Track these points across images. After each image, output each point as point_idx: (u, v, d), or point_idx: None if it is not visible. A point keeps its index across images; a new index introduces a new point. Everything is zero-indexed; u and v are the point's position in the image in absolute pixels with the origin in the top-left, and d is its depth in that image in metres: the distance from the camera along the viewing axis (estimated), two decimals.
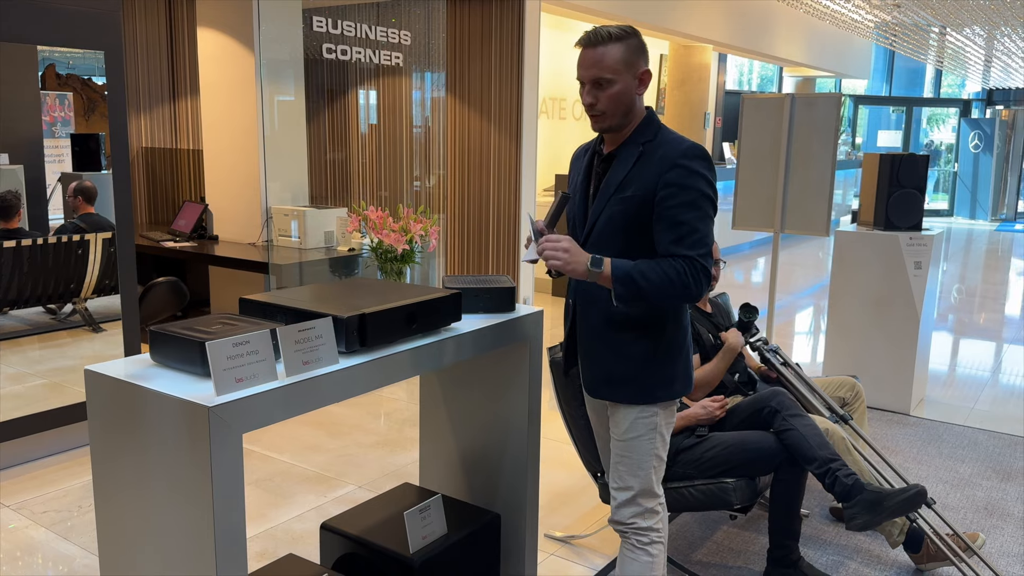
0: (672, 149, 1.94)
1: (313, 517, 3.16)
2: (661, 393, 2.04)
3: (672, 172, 1.91)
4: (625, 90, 1.94)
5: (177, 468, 1.56)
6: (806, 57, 12.18)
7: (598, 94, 1.95)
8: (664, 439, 2.09)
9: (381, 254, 4.74)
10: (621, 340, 2.04)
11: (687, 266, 1.89)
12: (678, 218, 1.90)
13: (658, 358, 2.03)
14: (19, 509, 3.16)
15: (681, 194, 1.90)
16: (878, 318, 4.51)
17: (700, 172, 1.92)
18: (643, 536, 2.10)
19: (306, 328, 1.70)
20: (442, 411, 2.55)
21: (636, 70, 1.95)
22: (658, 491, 2.11)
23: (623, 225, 1.97)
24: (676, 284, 1.88)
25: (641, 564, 2.10)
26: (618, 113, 1.96)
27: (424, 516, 2.16)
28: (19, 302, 3.59)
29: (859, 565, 2.86)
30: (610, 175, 2.02)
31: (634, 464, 2.07)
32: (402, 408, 4.45)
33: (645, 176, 1.95)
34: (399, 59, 5.49)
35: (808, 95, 4.48)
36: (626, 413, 2.06)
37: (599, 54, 1.92)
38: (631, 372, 2.03)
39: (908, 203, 4.46)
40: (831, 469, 2.48)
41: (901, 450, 3.95)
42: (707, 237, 1.92)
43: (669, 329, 2.04)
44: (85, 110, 3.98)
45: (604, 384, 2.09)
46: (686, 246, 1.90)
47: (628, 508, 2.10)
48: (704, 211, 1.92)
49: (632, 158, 1.98)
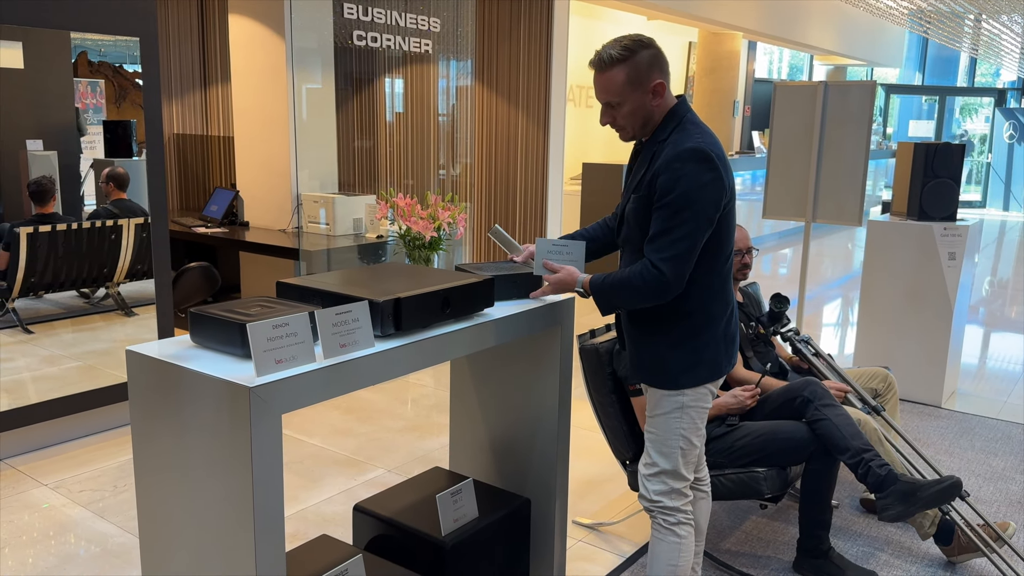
0: (670, 151, 1.95)
1: (343, 500, 3.20)
2: (684, 380, 2.07)
3: (664, 174, 1.94)
4: (636, 108, 1.98)
5: (217, 447, 1.58)
6: (838, 45, 12.01)
7: (613, 114, 2.01)
8: (694, 422, 2.10)
9: (409, 241, 4.76)
10: (641, 330, 2.10)
11: (644, 270, 1.94)
12: (657, 219, 1.95)
13: (680, 345, 2.05)
14: (56, 488, 3.23)
15: (664, 196, 1.93)
16: (910, 309, 4.45)
17: (687, 174, 1.91)
18: (670, 516, 2.13)
19: (343, 312, 1.71)
20: (472, 396, 2.56)
21: (646, 86, 1.97)
22: (686, 474, 2.12)
23: (638, 222, 2.02)
24: (634, 290, 1.95)
25: (668, 545, 2.12)
26: (637, 126, 2.02)
27: (456, 499, 2.18)
28: (54, 286, 3.66)
29: (889, 556, 2.84)
30: (634, 172, 2.09)
31: (659, 441, 2.11)
32: (430, 394, 4.48)
33: (650, 175, 1.99)
34: (428, 46, 5.49)
35: (841, 83, 4.42)
36: (655, 391, 2.12)
37: (605, 80, 1.97)
38: (650, 358, 2.09)
39: (943, 193, 4.40)
40: (864, 459, 2.46)
41: (933, 443, 3.91)
42: (681, 241, 1.91)
43: (690, 317, 2.05)
44: (116, 97, 4.03)
45: (636, 369, 2.15)
46: (653, 248, 1.94)
47: (654, 484, 2.13)
48: (682, 215, 1.91)
49: (649, 156, 2.02)
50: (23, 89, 3.46)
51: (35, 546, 2.80)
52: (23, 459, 3.48)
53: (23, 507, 3.07)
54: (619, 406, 2.80)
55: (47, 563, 2.70)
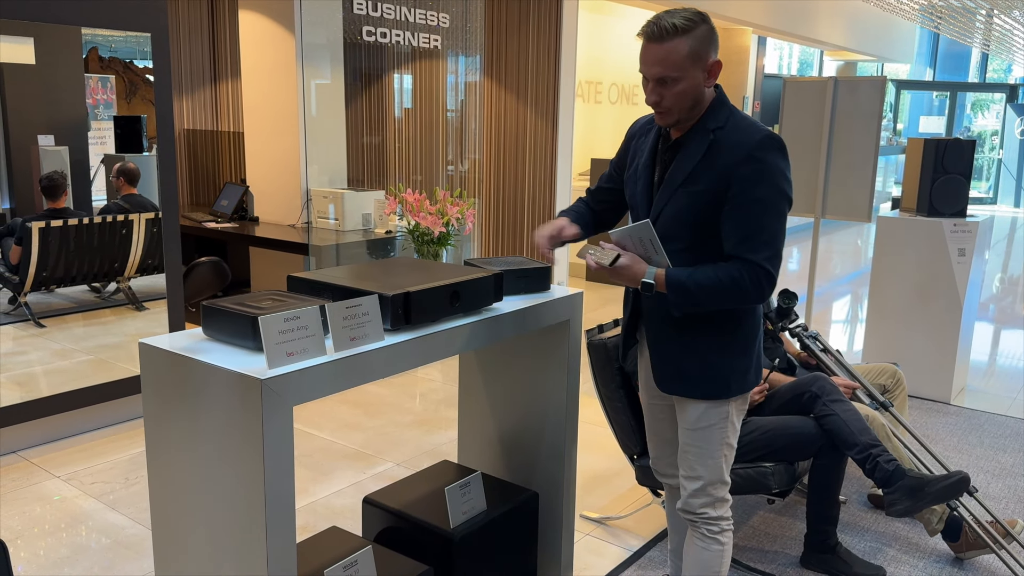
0: (746, 139, 1.80)
1: (352, 493, 3.22)
2: (735, 386, 1.96)
3: (746, 166, 1.78)
4: (691, 87, 1.80)
5: (229, 439, 1.60)
6: (848, 40, 11.96)
7: (663, 92, 1.80)
8: (735, 427, 2.02)
9: (418, 236, 4.77)
10: (692, 335, 1.95)
11: (747, 272, 1.79)
12: (746, 217, 1.79)
13: (732, 350, 1.95)
14: (69, 480, 3.26)
15: (753, 190, 1.78)
16: (920, 306, 4.44)
17: (776, 166, 1.79)
18: (713, 525, 2.06)
19: (353, 305, 1.73)
20: (481, 390, 2.58)
21: (705, 63, 1.79)
22: (728, 479, 2.06)
23: (691, 220, 1.86)
24: (733, 292, 1.80)
25: (711, 553, 2.06)
26: (684, 108, 1.83)
27: (464, 492, 2.19)
28: (65, 280, 3.69)
29: (897, 552, 2.84)
30: (677, 165, 1.88)
31: (704, 454, 2.01)
32: (437, 389, 4.50)
33: (716, 168, 1.81)
34: (437, 41, 5.50)
35: (851, 78, 4.41)
36: (696, 403, 1.99)
37: (664, 51, 1.76)
38: (703, 367, 1.95)
39: (953, 189, 4.38)
40: (872, 455, 2.47)
41: (941, 439, 3.90)
42: (776, 238, 1.80)
43: (744, 321, 1.95)
44: (127, 93, 4.06)
45: (675, 380, 2.00)
46: (750, 248, 1.79)
47: (698, 498, 2.05)
48: (777, 209, 1.80)
49: (701, 148, 1.84)
50: (34, 85, 3.49)
51: (47, 537, 2.83)
52: (36, 451, 3.51)
53: (36, 499, 3.10)
54: (627, 401, 2.81)
55: (59, 554, 2.73)
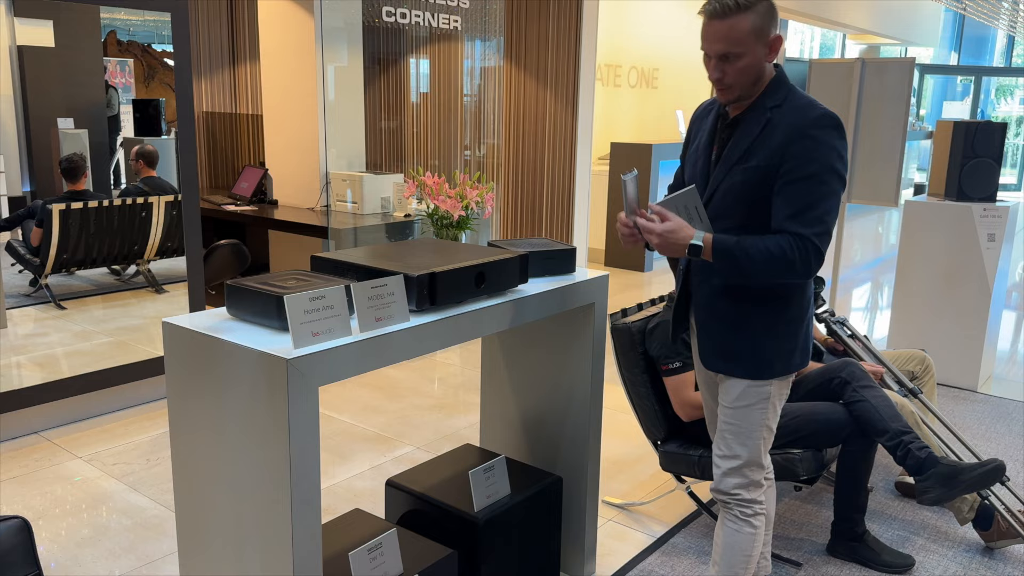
0: (801, 117, 1.82)
1: (373, 475, 3.20)
2: (779, 367, 1.94)
3: (799, 143, 1.79)
4: (754, 62, 1.82)
5: (254, 419, 1.58)
6: (871, 23, 11.77)
7: (725, 68, 1.83)
8: (776, 410, 1.99)
9: (437, 220, 4.74)
10: (739, 312, 1.94)
11: (796, 245, 1.79)
12: (799, 192, 1.80)
13: (778, 331, 1.93)
14: (91, 460, 3.27)
15: (806, 167, 1.79)
16: (947, 292, 4.37)
17: (830, 144, 1.80)
18: (747, 508, 2.03)
19: (379, 285, 1.70)
20: (503, 374, 2.55)
21: (766, 38, 1.81)
22: (765, 463, 2.04)
23: (744, 197, 1.87)
24: (780, 263, 1.79)
25: (744, 536, 2.04)
26: (747, 84, 1.85)
27: (488, 476, 2.17)
28: (86, 262, 3.68)
29: (925, 541, 2.79)
30: (734, 142, 1.90)
31: (743, 433, 1.99)
32: (456, 373, 4.48)
33: (770, 145, 1.83)
34: (457, 23, 5.44)
35: (879, 60, 4.32)
36: (737, 381, 1.98)
37: (727, 26, 1.79)
38: (748, 346, 1.94)
39: (983, 173, 4.29)
40: (903, 441, 2.42)
41: (969, 427, 3.84)
42: (828, 215, 1.80)
43: (794, 300, 1.93)
44: (145, 76, 4.04)
45: (719, 357, 1.99)
46: (800, 223, 1.79)
47: (732, 478, 2.03)
48: (829, 186, 1.80)
49: (758, 125, 1.86)
50: (54, 67, 3.47)
51: (69, 517, 2.84)
52: (57, 432, 3.52)
53: (57, 479, 3.11)
54: (651, 386, 2.77)
55: (81, 535, 2.73)
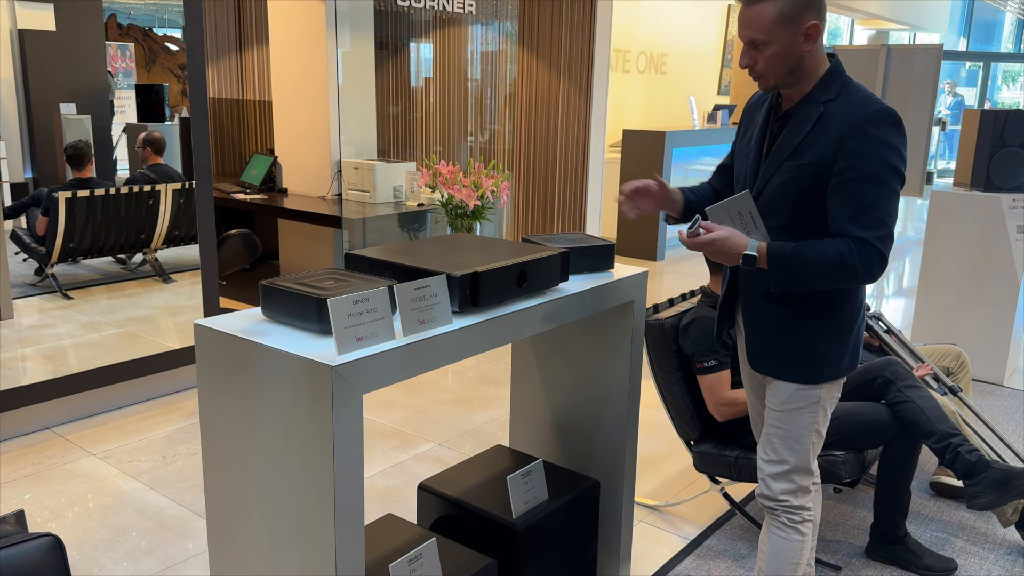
0: (857, 112, 1.73)
1: (396, 473, 3.13)
2: (829, 371, 1.87)
3: (855, 140, 1.71)
4: (784, 50, 1.74)
5: (295, 426, 1.49)
6: (881, 8, 11.63)
7: (755, 55, 1.77)
8: (827, 414, 1.92)
9: (451, 209, 4.64)
10: (789, 315, 1.87)
11: (858, 249, 1.70)
12: (857, 192, 1.71)
13: (829, 334, 1.86)
14: (105, 458, 3.19)
15: (864, 165, 1.70)
16: (974, 284, 4.28)
17: (889, 141, 1.71)
18: (795, 515, 1.96)
19: (422, 286, 1.61)
20: (535, 372, 2.46)
21: (799, 26, 1.73)
22: (814, 468, 1.96)
23: (794, 195, 1.79)
24: (840, 270, 1.71)
25: (791, 544, 1.96)
26: (780, 73, 1.77)
27: (527, 481, 2.09)
28: (92, 251, 3.60)
29: (965, 543, 2.72)
30: (785, 136, 1.82)
31: (791, 438, 1.92)
32: (472, 366, 4.40)
33: (823, 142, 1.74)
34: (471, 7, 5.33)
35: (906, 46, 4.22)
36: (786, 384, 1.90)
37: (753, 13, 1.74)
38: (798, 349, 1.87)
39: (1013, 163, 4.20)
40: (952, 444, 2.34)
41: (997, 422, 3.76)
42: (889, 215, 1.71)
43: (847, 303, 1.86)
44: (146, 61, 3.93)
45: (767, 360, 1.92)
46: (861, 225, 1.70)
47: (780, 483, 1.96)
48: (889, 186, 1.71)
49: (810, 120, 1.78)
50: (55, 52, 3.37)
51: (86, 519, 2.76)
52: (69, 428, 3.44)
53: (72, 476, 3.03)
54: (684, 384, 2.69)
55: (99, 536, 2.65)
